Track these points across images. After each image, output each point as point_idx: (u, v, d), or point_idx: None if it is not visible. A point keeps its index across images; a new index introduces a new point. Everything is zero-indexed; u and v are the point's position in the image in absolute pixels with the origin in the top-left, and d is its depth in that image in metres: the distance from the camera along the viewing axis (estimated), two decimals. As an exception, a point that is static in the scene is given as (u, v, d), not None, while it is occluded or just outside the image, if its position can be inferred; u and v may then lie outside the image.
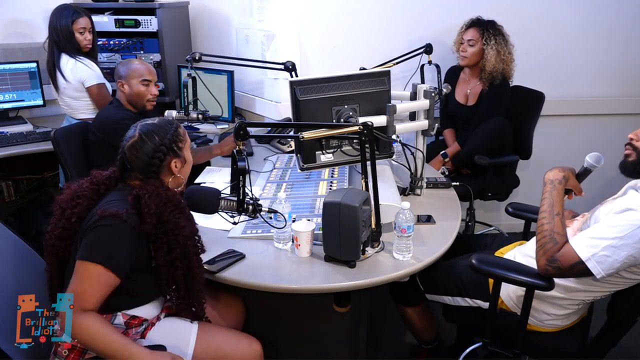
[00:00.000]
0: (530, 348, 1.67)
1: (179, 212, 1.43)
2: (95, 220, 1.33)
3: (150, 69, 2.28)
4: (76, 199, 1.43)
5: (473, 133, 2.67)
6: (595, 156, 1.61)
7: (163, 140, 1.45)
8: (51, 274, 1.46)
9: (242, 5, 3.03)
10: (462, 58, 2.72)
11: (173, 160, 1.48)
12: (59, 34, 2.61)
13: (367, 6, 2.87)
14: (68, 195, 1.45)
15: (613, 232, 1.38)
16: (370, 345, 2.17)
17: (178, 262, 1.42)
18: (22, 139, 2.74)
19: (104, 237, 1.33)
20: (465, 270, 1.68)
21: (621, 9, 2.99)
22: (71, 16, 2.61)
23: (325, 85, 1.82)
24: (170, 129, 1.48)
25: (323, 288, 1.51)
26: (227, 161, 2.45)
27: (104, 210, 1.33)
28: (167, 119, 1.54)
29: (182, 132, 1.52)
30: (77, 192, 1.44)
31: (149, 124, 1.48)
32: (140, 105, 2.28)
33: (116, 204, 1.37)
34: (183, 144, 1.50)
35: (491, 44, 2.63)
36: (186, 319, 1.54)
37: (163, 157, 1.45)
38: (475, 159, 2.56)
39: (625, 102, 3.14)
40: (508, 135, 2.67)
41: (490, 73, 2.66)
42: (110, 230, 1.33)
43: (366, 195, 1.57)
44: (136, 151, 1.44)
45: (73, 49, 2.63)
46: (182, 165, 1.52)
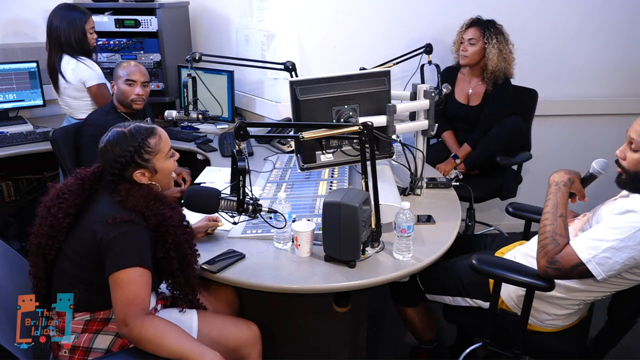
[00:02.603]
0: (530, 348, 1.66)
1: (159, 204, 1.43)
2: (113, 232, 1.34)
3: (136, 70, 2.34)
4: (62, 196, 1.43)
5: (488, 134, 2.65)
6: (602, 163, 1.59)
7: (123, 152, 1.42)
8: (36, 275, 1.44)
9: (242, 5, 3.03)
10: (463, 57, 2.71)
11: (137, 170, 1.45)
12: (71, 34, 2.60)
13: (367, 6, 2.87)
14: (53, 193, 1.45)
15: (614, 233, 1.37)
16: (370, 345, 2.17)
17: (172, 252, 1.43)
18: (22, 139, 2.74)
19: (129, 242, 1.35)
20: (465, 270, 1.68)
21: (621, 9, 2.99)
22: (83, 16, 2.62)
23: (325, 85, 1.82)
24: (136, 139, 1.44)
25: (323, 288, 1.51)
26: (227, 161, 2.45)
27: (115, 218, 1.35)
28: (142, 126, 1.49)
29: (154, 142, 1.47)
30: (62, 190, 1.45)
31: (117, 132, 1.45)
32: (127, 104, 2.38)
33: (117, 211, 1.38)
34: (152, 155, 1.46)
35: (493, 43, 2.63)
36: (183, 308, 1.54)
37: (122, 168, 1.43)
38: (498, 160, 2.56)
39: (625, 102, 3.14)
40: (523, 133, 2.69)
41: (492, 72, 2.66)
42: (131, 235, 1.36)
43: (366, 195, 1.57)
44: (102, 158, 1.46)
45: (80, 50, 2.63)
46: (153, 174, 1.48)
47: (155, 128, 1.52)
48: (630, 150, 1.44)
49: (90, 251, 1.37)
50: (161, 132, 1.52)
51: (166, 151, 1.51)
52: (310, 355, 1.83)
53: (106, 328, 1.43)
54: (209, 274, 1.54)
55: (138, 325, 1.28)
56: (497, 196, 2.74)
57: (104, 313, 1.42)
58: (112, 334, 1.43)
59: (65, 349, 1.41)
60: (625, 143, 1.47)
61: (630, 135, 1.43)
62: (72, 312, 1.41)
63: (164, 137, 1.52)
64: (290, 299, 1.66)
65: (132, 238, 1.36)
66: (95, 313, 1.42)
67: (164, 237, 1.42)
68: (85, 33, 2.63)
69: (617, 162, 1.49)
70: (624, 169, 1.46)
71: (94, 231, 1.36)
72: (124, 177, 1.45)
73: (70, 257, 1.41)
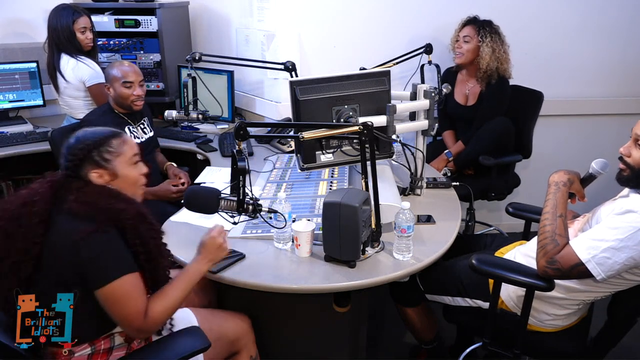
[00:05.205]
0: (530, 348, 1.66)
1: (111, 199, 1.34)
2: (86, 248, 1.26)
3: (131, 71, 2.29)
4: (31, 201, 1.33)
5: (476, 134, 2.67)
6: (601, 163, 1.59)
7: (82, 146, 1.37)
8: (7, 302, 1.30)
9: (242, 5, 3.03)
10: (458, 55, 2.72)
11: (94, 170, 1.37)
12: (60, 34, 2.61)
13: (367, 6, 2.87)
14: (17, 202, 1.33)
15: (613, 234, 1.37)
16: (370, 345, 2.17)
17: (139, 247, 1.34)
18: (22, 139, 2.74)
19: (104, 254, 1.28)
20: (465, 271, 1.68)
21: (621, 9, 2.99)
22: (72, 16, 2.61)
23: (325, 85, 1.81)
24: (100, 139, 1.39)
25: (323, 288, 1.51)
26: (227, 161, 2.45)
27: (83, 232, 1.26)
28: (109, 128, 1.46)
29: (116, 143, 1.41)
30: (30, 195, 1.34)
31: (87, 131, 1.42)
32: (126, 106, 2.34)
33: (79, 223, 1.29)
34: (112, 155, 1.39)
35: (487, 42, 2.63)
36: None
37: (78, 163, 1.36)
38: (480, 159, 2.57)
39: (625, 102, 3.14)
40: (511, 135, 2.68)
41: (485, 71, 2.67)
42: (103, 246, 1.28)
43: (366, 195, 1.57)
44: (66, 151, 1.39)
45: (74, 49, 2.63)
46: (112, 178, 1.40)
47: (123, 133, 1.48)
48: (635, 147, 1.44)
49: (65, 275, 1.29)
50: (128, 138, 1.47)
51: (130, 156, 1.44)
52: (310, 355, 1.82)
53: (112, 357, 1.40)
54: (209, 273, 1.54)
55: (151, 324, 1.34)
56: (484, 197, 2.72)
57: (105, 342, 1.39)
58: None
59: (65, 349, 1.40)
60: (630, 140, 1.47)
61: (637, 132, 1.43)
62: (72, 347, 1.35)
63: (130, 142, 1.46)
64: (290, 299, 1.66)
65: (106, 249, 1.28)
66: (95, 344, 1.38)
67: (124, 233, 1.32)
68: (74, 32, 2.61)
69: (621, 158, 1.49)
70: (628, 165, 1.46)
71: (64, 253, 1.27)
72: (79, 176, 1.37)
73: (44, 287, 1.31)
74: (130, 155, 1.44)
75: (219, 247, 1.46)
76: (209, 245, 1.46)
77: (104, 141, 1.40)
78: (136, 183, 1.47)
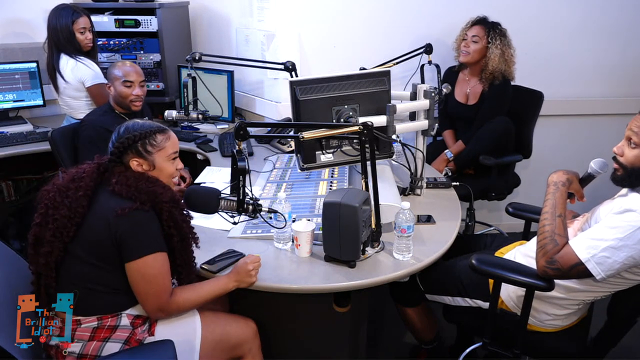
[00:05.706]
0: (530, 348, 1.66)
1: (149, 183, 1.45)
2: (125, 223, 1.37)
3: (132, 71, 2.31)
4: (79, 177, 1.46)
5: (476, 134, 2.67)
6: (600, 162, 1.59)
7: (129, 136, 1.47)
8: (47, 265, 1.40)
9: (242, 5, 3.03)
10: (464, 54, 2.71)
11: (135, 158, 1.48)
12: (59, 34, 2.61)
13: (367, 6, 2.87)
14: (67, 178, 1.48)
15: (613, 233, 1.37)
16: (370, 345, 2.17)
17: (172, 230, 1.44)
18: (22, 139, 2.74)
19: (141, 229, 1.39)
20: (465, 271, 1.68)
21: (621, 9, 2.99)
22: (71, 16, 2.61)
23: (325, 85, 1.82)
24: (146, 132, 1.49)
25: (323, 288, 1.51)
26: (227, 161, 2.45)
27: (124, 209, 1.37)
28: (157, 124, 1.55)
29: (161, 138, 1.51)
30: (77, 173, 1.48)
31: (137, 123, 1.53)
32: (125, 106, 2.35)
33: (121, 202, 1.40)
34: (154, 148, 1.49)
35: (496, 44, 2.63)
36: None
37: (123, 150, 1.46)
38: (480, 159, 2.57)
39: (625, 102, 3.13)
40: (511, 135, 2.68)
41: (491, 73, 2.66)
42: (142, 223, 1.39)
43: (366, 195, 1.57)
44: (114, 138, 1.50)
45: (73, 49, 2.63)
46: (150, 168, 1.50)
47: (168, 130, 1.56)
48: (628, 146, 1.44)
49: (101, 246, 1.38)
50: (172, 135, 1.56)
51: (170, 152, 1.53)
52: (310, 355, 1.82)
53: (114, 336, 1.42)
54: (209, 273, 1.55)
55: (174, 307, 1.44)
56: (484, 197, 2.72)
57: (112, 320, 1.42)
58: (120, 341, 1.42)
59: (65, 349, 1.40)
60: (623, 139, 1.47)
61: (631, 130, 1.43)
62: (79, 317, 1.41)
63: (173, 139, 1.56)
64: (290, 299, 1.66)
65: (143, 226, 1.39)
66: (103, 319, 1.42)
67: (160, 215, 1.43)
68: (73, 33, 2.61)
69: (615, 158, 1.49)
70: (621, 165, 1.47)
71: (105, 225, 1.37)
72: (122, 162, 1.48)
73: (79, 254, 1.41)
74: (170, 152, 1.54)
75: (247, 273, 1.49)
76: (240, 268, 1.50)
77: (149, 134, 1.49)
78: (170, 176, 1.56)
